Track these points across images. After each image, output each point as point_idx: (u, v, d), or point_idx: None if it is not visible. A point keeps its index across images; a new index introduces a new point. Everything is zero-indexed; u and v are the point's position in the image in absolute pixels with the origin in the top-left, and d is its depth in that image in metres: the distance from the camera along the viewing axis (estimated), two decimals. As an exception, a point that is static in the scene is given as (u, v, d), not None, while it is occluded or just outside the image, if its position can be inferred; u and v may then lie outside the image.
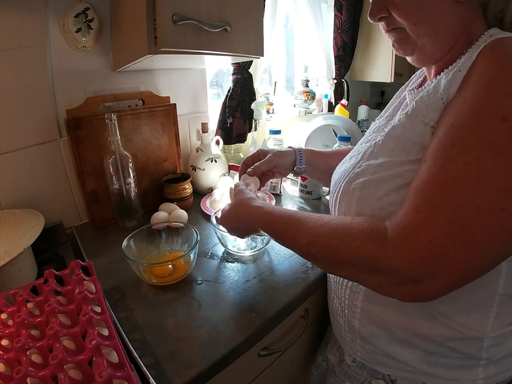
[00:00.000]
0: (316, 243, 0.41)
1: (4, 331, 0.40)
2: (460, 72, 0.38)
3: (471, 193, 0.32)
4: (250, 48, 0.74)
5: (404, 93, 0.55)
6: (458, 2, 0.39)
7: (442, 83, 0.40)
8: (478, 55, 0.37)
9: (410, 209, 0.35)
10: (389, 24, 0.44)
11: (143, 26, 0.58)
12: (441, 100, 0.40)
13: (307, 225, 0.43)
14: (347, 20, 1.47)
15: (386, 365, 0.50)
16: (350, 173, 0.48)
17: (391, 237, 0.35)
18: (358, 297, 0.50)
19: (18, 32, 0.68)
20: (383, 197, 0.42)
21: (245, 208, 0.53)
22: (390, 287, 0.36)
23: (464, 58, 0.39)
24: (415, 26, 0.41)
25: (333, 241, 0.39)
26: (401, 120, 0.44)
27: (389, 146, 0.44)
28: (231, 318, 0.53)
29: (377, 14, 0.43)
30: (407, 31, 0.42)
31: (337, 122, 1.25)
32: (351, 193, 0.46)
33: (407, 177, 0.40)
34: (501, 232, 0.31)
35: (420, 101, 0.43)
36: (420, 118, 0.42)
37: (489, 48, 0.37)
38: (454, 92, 0.38)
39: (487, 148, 0.32)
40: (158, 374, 0.43)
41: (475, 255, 0.32)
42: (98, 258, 0.69)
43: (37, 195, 0.77)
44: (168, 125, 0.92)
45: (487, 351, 0.45)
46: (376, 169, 0.44)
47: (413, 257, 0.33)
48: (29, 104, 0.72)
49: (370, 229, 0.37)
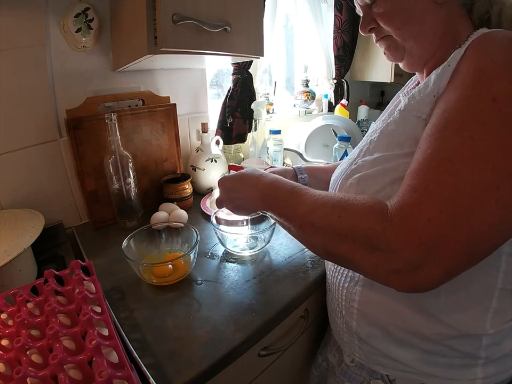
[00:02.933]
0: (318, 211, 0.41)
1: (4, 331, 0.40)
2: (449, 66, 0.40)
3: (467, 172, 0.32)
4: (250, 48, 0.74)
5: (399, 98, 0.56)
6: (438, 4, 0.42)
7: (433, 78, 0.41)
8: (466, 50, 0.39)
9: (407, 190, 0.35)
10: (378, 33, 0.48)
11: (143, 26, 0.58)
12: (431, 93, 0.41)
13: (313, 193, 0.44)
14: (347, 20, 1.47)
15: (385, 365, 0.50)
16: (347, 169, 0.49)
17: (391, 214, 0.35)
18: (354, 298, 0.50)
19: (18, 32, 0.68)
20: (379, 191, 0.43)
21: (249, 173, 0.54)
22: (387, 271, 0.35)
23: (453, 55, 0.40)
24: (400, 31, 0.44)
25: (336, 210, 0.39)
26: (394, 117, 0.46)
27: (384, 142, 0.45)
28: (231, 318, 0.53)
29: (367, 26, 0.48)
30: (394, 37, 0.45)
31: (337, 122, 1.25)
32: (348, 189, 0.47)
33: (402, 171, 0.40)
34: (498, 211, 0.31)
35: (411, 98, 0.44)
36: (413, 113, 0.43)
37: (476, 41, 0.38)
38: (444, 85, 0.40)
39: (479, 127, 0.33)
40: (158, 374, 0.43)
41: (475, 236, 0.32)
42: (98, 258, 0.69)
43: (37, 195, 0.77)
44: (168, 125, 0.92)
45: (486, 350, 0.45)
46: (371, 165, 0.45)
47: (411, 238, 0.33)
48: (29, 104, 0.72)
49: (373, 203, 0.37)
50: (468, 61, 0.38)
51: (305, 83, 1.51)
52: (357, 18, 1.52)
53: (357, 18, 1.51)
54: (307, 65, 1.61)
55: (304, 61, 1.61)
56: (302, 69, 1.64)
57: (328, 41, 1.50)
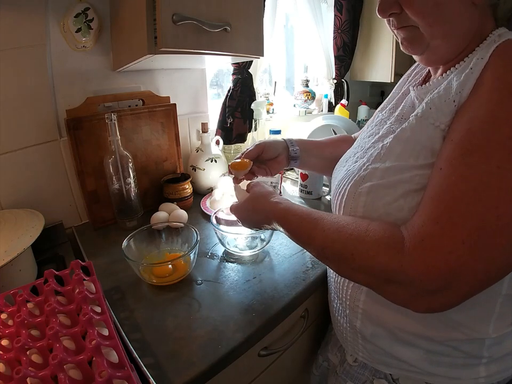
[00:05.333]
0: (330, 247, 0.41)
1: (4, 331, 0.40)
2: (472, 74, 0.37)
3: (492, 203, 0.31)
4: (250, 48, 0.74)
5: (406, 84, 0.54)
6: (474, 5, 0.38)
7: (454, 85, 0.39)
8: (490, 57, 0.36)
9: (428, 219, 0.34)
10: (400, 21, 0.42)
11: (143, 26, 0.58)
12: (453, 102, 0.38)
13: (323, 227, 0.42)
14: (347, 20, 1.46)
15: (388, 364, 0.50)
16: (356, 175, 0.46)
17: (409, 247, 0.34)
18: (359, 298, 0.50)
19: (18, 32, 0.68)
20: (390, 203, 0.41)
21: (263, 200, 0.53)
22: (405, 298, 0.36)
23: (475, 59, 0.38)
24: (430, 27, 0.39)
25: (348, 248, 0.38)
26: (410, 123, 0.43)
27: (397, 150, 0.43)
28: (231, 318, 0.53)
29: (388, 10, 0.41)
30: (421, 30, 0.40)
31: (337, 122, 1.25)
32: (357, 197, 0.45)
33: (416, 183, 0.39)
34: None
35: (430, 103, 0.41)
36: (430, 121, 0.40)
37: (501, 50, 0.36)
38: (466, 95, 0.37)
39: (506, 156, 0.31)
40: (158, 374, 0.43)
41: (494, 265, 0.32)
42: (98, 258, 0.69)
43: (37, 195, 0.77)
44: (168, 125, 0.92)
45: (489, 349, 0.45)
46: (383, 174, 0.43)
47: (431, 269, 0.32)
48: (29, 104, 0.72)
49: (387, 237, 0.36)
50: (493, 73, 0.35)
51: (305, 83, 1.51)
52: (357, 18, 1.52)
53: (357, 19, 1.52)
54: (307, 65, 1.61)
55: (304, 61, 1.61)
56: (302, 69, 1.64)
57: (328, 41, 1.50)
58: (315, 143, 0.72)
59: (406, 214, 0.39)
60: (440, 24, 0.39)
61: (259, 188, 0.56)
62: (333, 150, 0.70)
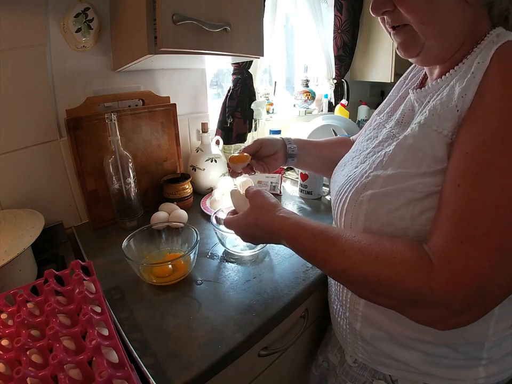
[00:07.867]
0: (353, 270, 0.38)
1: (4, 331, 0.40)
2: (474, 79, 0.37)
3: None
4: (250, 48, 0.74)
5: (403, 87, 0.54)
6: (468, 3, 0.38)
7: (457, 91, 0.38)
8: (491, 60, 0.36)
9: (452, 239, 0.34)
10: (394, 19, 0.41)
11: (143, 26, 0.58)
12: (455, 107, 0.38)
13: (342, 247, 0.39)
14: (347, 20, 1.46)
15: (388, 365, 0.50)
16: (357, 182, 0.45)
17: (437, 270, 0.33)
18: (360, 301, 0.50)
19: (18, 32, 0.68)
20: (392, 211, 0.40)
21: (266, 216, 0.48)
22: (433, 319, 0.35)
23: (476, 64, 0.37)
24: (422, 25, 0.39)
25: (374, 272, 0.36)
26: (413, 130, 0.42)
27: (399, 157, 0.42)
28: (231, 318, 0.53)
29: (382, 8, 0.41)
30: (414, 29, 0.40)
31: (337, 122, 1.25)
32: (358, 205, 0.44)
33: (418, 192, 0.39)
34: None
35: (432, 110, 0.41)
36: (433, 127, 0.40)
37: (503, 53, 0.36)
38: (470, 100, 0.37)
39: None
40: (158, 374, 0.43)
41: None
42: (98, 258, 0.69)
43: (37, 195, 0.77)
44: (168, 125, 0.92)
45: (488, 351, 0.45)
46: (385, 182, 0.42)
47: (459, 290, 0.32)
48: (28, 104, 0.72)
49: (415, 260, 0.35)
50: (499, 79, 0.35)
51: (305, 83, 1.51)
52: (357, 18, 1.52)
53: (357, 19, 1.52)
54: (307, 65, 1.61)
55: (304, 61, 1.61)
56: (302, 69, 1.64)
57: (328, 41, 1.50)
58: (313, 142, 0.73)
59: (408, 222, 0.39)
60: (432, 21, 0.39)
61: (260, 198, 0.51)
62: (330, 150, 0.70)
